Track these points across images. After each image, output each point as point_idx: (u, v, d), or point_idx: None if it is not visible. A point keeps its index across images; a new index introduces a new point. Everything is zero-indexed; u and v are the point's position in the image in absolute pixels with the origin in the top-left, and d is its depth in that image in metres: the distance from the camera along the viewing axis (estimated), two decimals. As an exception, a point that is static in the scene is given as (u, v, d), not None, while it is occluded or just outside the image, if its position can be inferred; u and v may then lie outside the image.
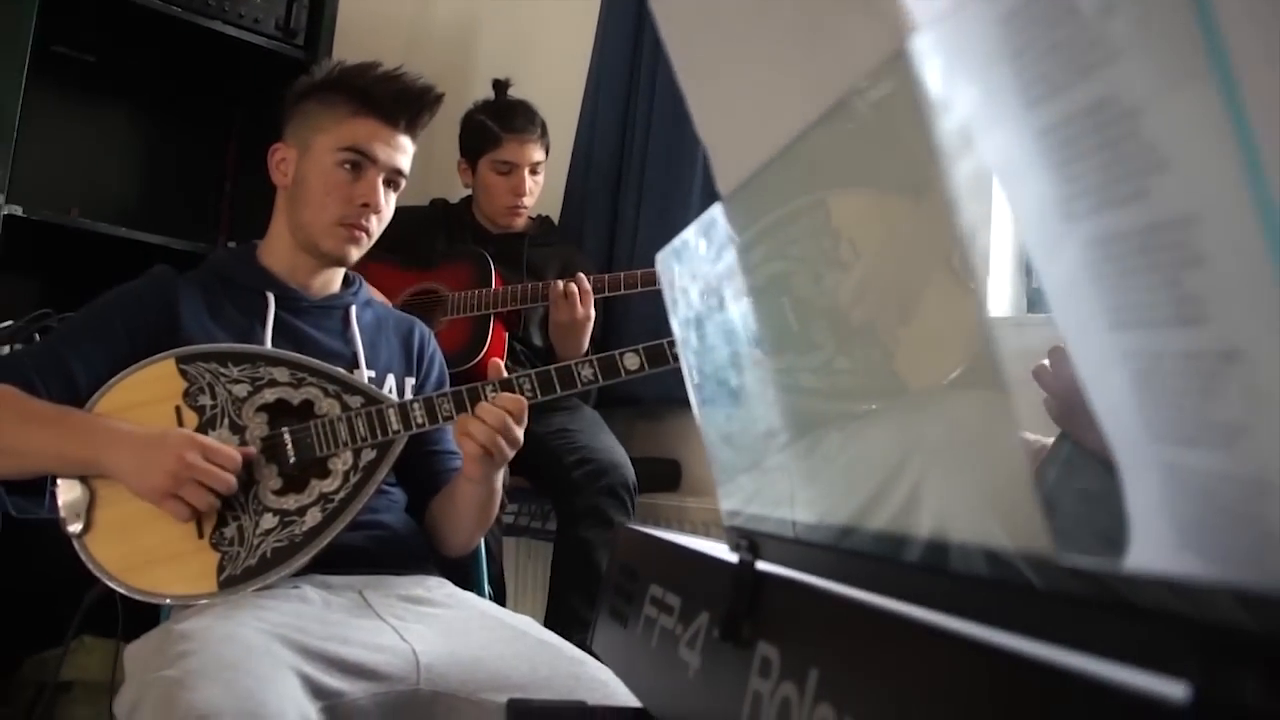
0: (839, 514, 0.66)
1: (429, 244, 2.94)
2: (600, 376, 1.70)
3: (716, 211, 0.69)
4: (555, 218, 3.31)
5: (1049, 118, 0.40)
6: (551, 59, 3.65)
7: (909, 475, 0.57)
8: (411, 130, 1.82)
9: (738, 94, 0.62)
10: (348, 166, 1.76)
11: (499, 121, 2.90)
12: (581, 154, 3.36)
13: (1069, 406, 1.32)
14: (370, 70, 1.78)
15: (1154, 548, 0.40)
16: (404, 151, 1.81)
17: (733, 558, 0.80)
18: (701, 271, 0.76)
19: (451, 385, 1.87)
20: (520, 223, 2.97)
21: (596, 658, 1.30)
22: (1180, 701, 0.34)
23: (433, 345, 1.98)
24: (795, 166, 0.56)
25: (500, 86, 3.03)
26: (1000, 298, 2.57)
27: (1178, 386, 0.37)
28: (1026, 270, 2.58)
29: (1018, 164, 0.42)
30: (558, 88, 3.42)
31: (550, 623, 1.86)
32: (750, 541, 0.78)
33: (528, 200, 2.93)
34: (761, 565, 0.75)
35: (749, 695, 0.70)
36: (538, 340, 2.90)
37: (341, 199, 1.77)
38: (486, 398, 1.66)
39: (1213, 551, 0.37)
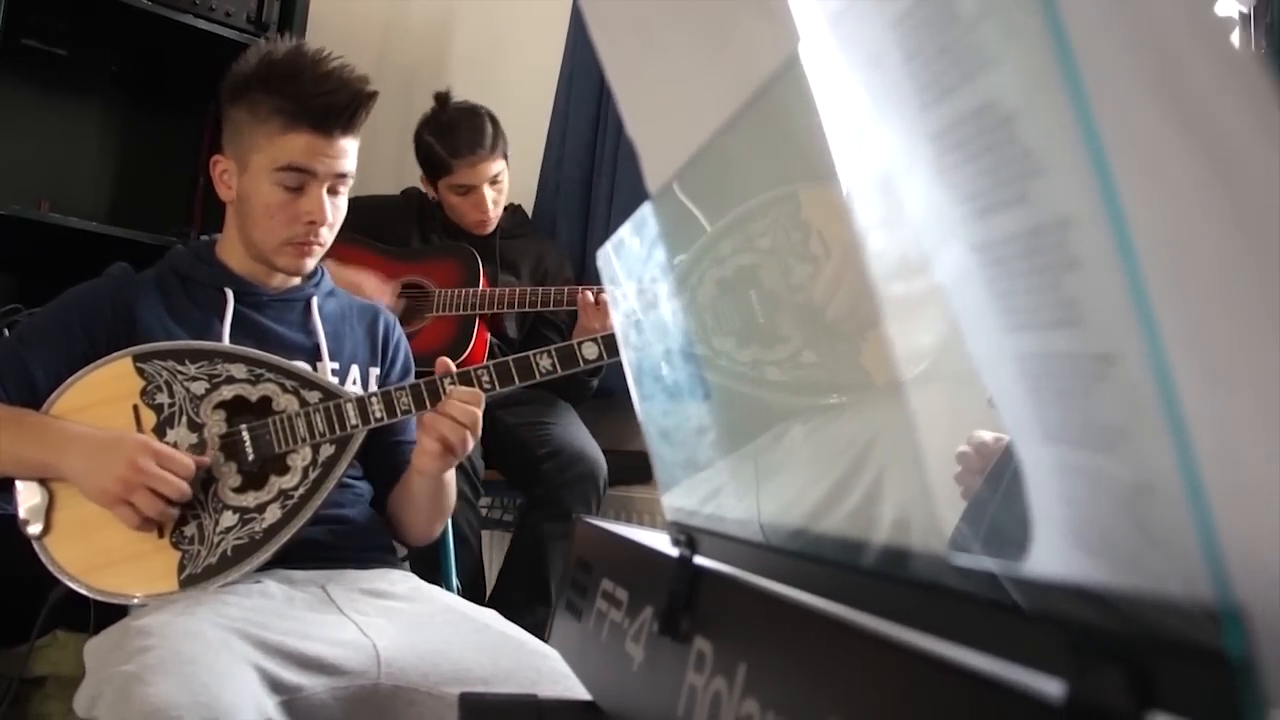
0: (768, 510, 0.66)
1: (401, 233, 2.93)
2: (559, 367, 1.70)
3: (647, 210, 0.70)
4: (529, 205, 3.30)
5: (939, 122, 0.40)
6: (526, 50, 3.65)
7: (831, 474, 0.58)
8: (349, 132, 1.75)
9: (660, 95, 0.62)
10: (290, 185, 1.72)
11: (446, 146, 2.83)
12: (555, 144, 3.36)
13: None
14: (298, 74, 1.70)
15: (1051, 548, 0.41)
16: (344, 155, 1.75)
17: (675, 552, 0.81)
18: (636, 269, 0.76)
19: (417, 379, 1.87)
20: (489, 229, 2.95)
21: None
22: (1055, 700, 0.34)
23: (398, 333, 1.97)
24: (711, 167, 0.57)
25: (442, 100, 2.96)
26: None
27: (1064, 388, 0.38)
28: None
29: (914, 167, 0.42)
30: (532, 78, 3.42)
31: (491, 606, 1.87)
32: (688, 537, 0.78)
33: (493, 212, 2.90)
34: (699, 560, 0.76)
35: (685, 689, 0.71)
36: (512, 333, 2.90)
37: (286, 219, 1.74)
38: (445, 391, 1.65)
39: (1101, 552, 0.37)
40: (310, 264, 1.80)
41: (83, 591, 1.58)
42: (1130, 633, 0.33)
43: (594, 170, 3.24)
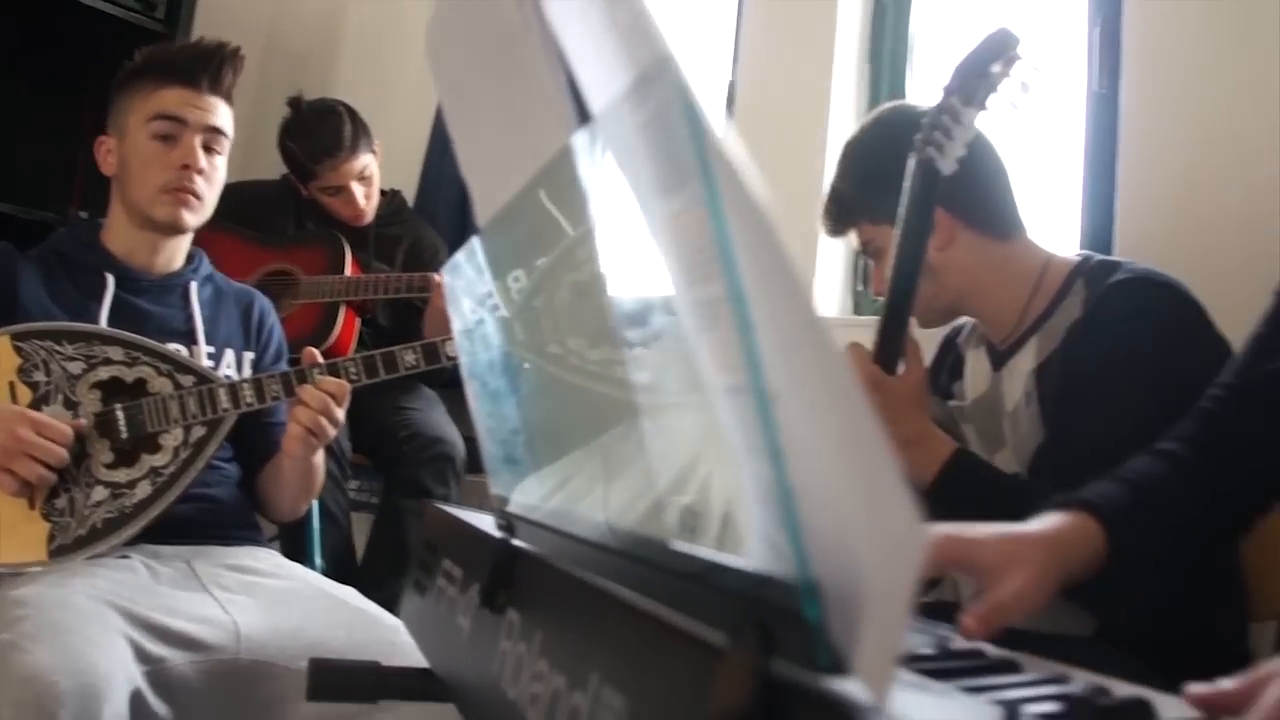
0: (559, 499, 0.78)
1: (279, 221, 2.97)
2: (423, 362, 1.81)
3: (476, 241, 0.81)
4: (412, 192, 3.36)
5: (671, 206, 0.52)
6: (416, 39, 3.69)
7: (605, 467, 0.70)
8: (216, 89, 1.87)
9: (484, 150, 0.73)
10: (162, 136, 1.83)
11: (307, 152, 2.87)
12: (439, 134, 3.39)
13: None
14: (170, 47, 1.85)
15: (750, 537, 0.53)
16: (213, 111, 1.87)
17: (498, 535, 0.93)
18: (470, 289, 0.87)
19: (290, 364, 1.95)
20: (365, 221, 2.99)
21: None
22: (720, 646, 0.47)
23: (272, 318, 2.05)
24: (520, 214, 0.68)
25: (295, 104, 2.99)
26: (829, 300, 2.73)
27: (741, 416, 0.50)
28: (854, 274, 2.75)
29: (659, 238, 0.54)
30: (421, 66, 3.47)
31: (355, 583, 1.96)
32: (507, 522, 0.90)
33: (365, 206, 2.95)
34: (516, 542, 0.88)
35: (499, 654, 0.83)
36: (384, 321, 2.96)
37: (161, 166, 1.83)
38: (313, 380, 1.74)
39: (762, 543, 0.50)
40: (189, 216, 1.87)
41: (-48, 561, 1.63)
42: (763, 601, 0.45)
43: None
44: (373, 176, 2.93)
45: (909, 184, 1.40)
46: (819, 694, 0.40)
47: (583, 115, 0.57)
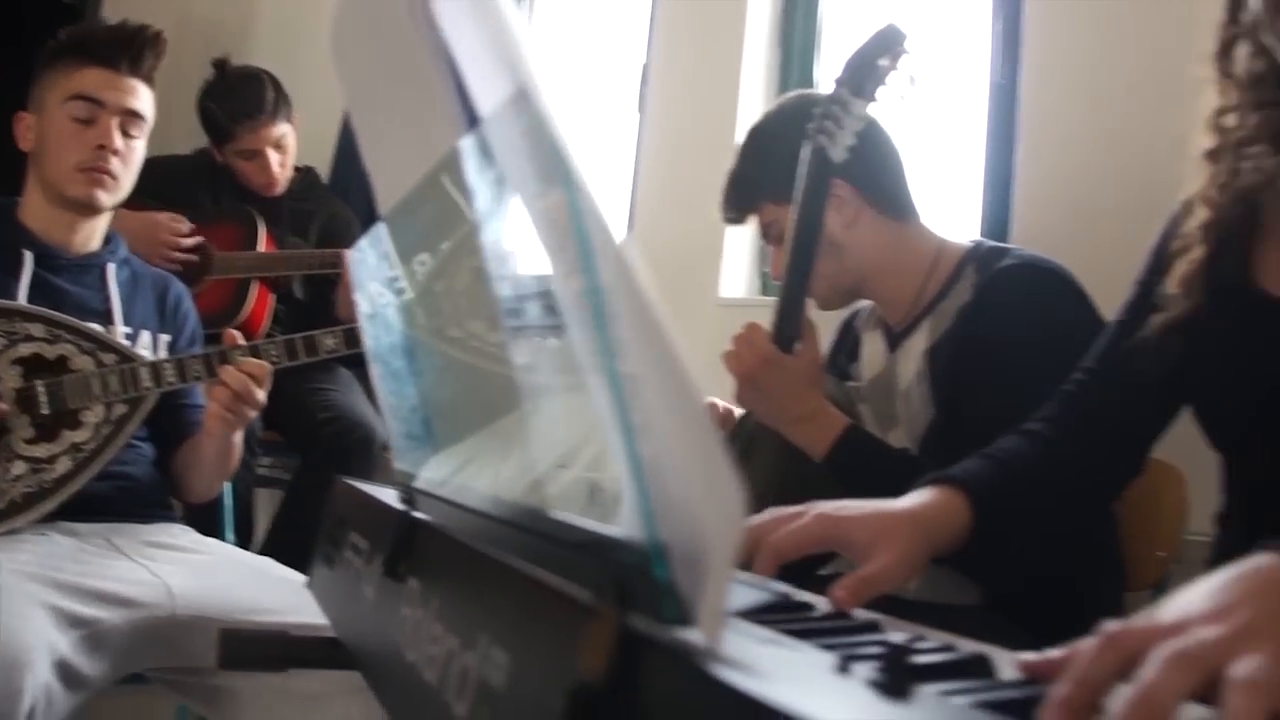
0: (461, 475, 0.83)
1: (194, 195, 2.97)
2: (343, 346, 1.84)
3: (381, 228, 0.85)
4: (326, 169, 3.36)
5: (544, 205, 0.57)
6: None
7: (501, 444, 0.75)
8: (136, 71, 1.89)
9: (384, 143, 0.78)
10: (80, 116, 1.85)
11: (228, 112, 2.87)
12: (354, 114, 3.41)
13: (748, 390, 1.53)
14: (93, 27, 1.86)
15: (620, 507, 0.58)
16: (133, 93, 1.88)
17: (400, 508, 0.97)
18: (375, 274, 0.92)
19: (206, 345, 1.98)
20: (278, 190, 3.00)
21: None
22: (587, 603, 0.52)
23: (187, 303, 2.07)
24: (417, 205, 0.73)
25: (220, 66, 3.00)
26: (736, 281, 2.80)
27: (609, 397, 0.55)
28: (761, 256, 2.82)
29: (538, 234, 0.59)
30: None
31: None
32: (408, 495, 0.95)
33: (279, 174, 2.96)
34: (417, 515, 0.92)
35: (400, 620, 0.87)
36: (300, 294, 2.96)
37: (77, 145, 1.85)
38: (234, 361, 1.77)
39: (629, 510, 0.55)
40: (103, 195, 1.88)
41: None
42: (622, 563, 0.50)
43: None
44: (289, 147, 2.94)
45: (803, 170, 1.46)
46: (665, 643, 0.46)
47: (473, 116, 0.62)
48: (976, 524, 1.01)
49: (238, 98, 2.87)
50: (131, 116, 1.88)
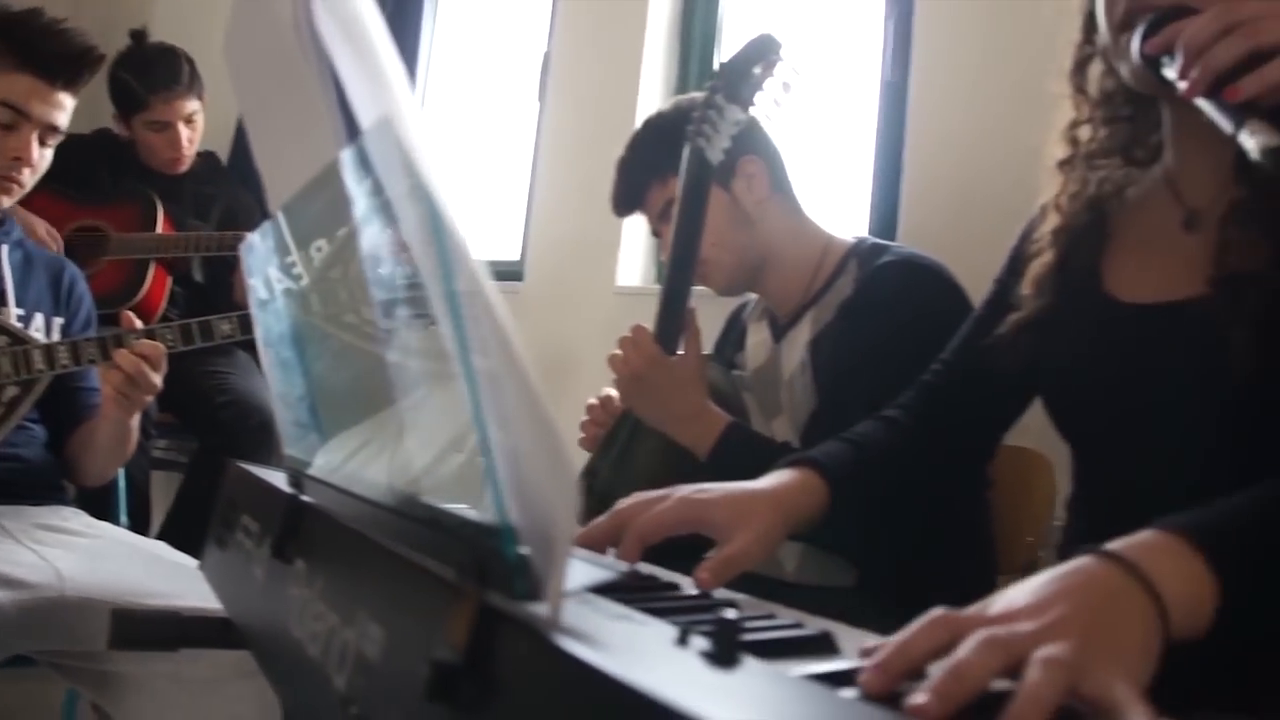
0: (351, 461, 0.87)
1: (93, 174, 2.94)
2: (239, 332, 1.86)
3: (269, 225, 0.89)
4: (225, 153, 3.35)
5: (411, 217, 0.61)
6: (226, 12, 3.66)
7: (389, 430, 0.79)
8: (71, 88, 1.86)
9: (274, 144, 0.81)
10: (2, 122, 1.81)
11: (142, 81, 2.86)
12: (256, 100, 3.40)
13: (634, 390, 1.58)
14: (33, 22, 1.81)
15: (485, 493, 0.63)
16: (62, 109, 1.86)
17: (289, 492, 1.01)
18: (267, 263, 0.95)
19: (101, 326, 1.97)
20: (183, 167, 2.99)
21: None
22: (452, 581, 0.56)
23: (82, 286, 2.07)
24: (306, 203, 0.77)
25: (138, 37, 2.99)
26: (633, 270, 2.85)
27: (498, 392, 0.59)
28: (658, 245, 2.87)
29: (412, 237, 0.63)
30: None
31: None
32: (296, 479, 0.98)
33: (188, 150, 2.96)
34: (304, 498, 0.96)
35: (288, 600, 0.91)
36: (199, 277, 2.95)
37: None
38: (129, 344, 1.77)
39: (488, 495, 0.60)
40: (7, 201, 1.88)
41: None
42: (483, 544, 0.55)
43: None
44: (198, 126, 2.93)
45: (683, 168, 1.52)
46: (517, 617, 0.51)
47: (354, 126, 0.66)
48: (832, 503, 1.08)
49: (155, 68, 2.87)
50: (52, 130, 1.86)
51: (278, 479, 1.16)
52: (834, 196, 2.60)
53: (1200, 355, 0.96)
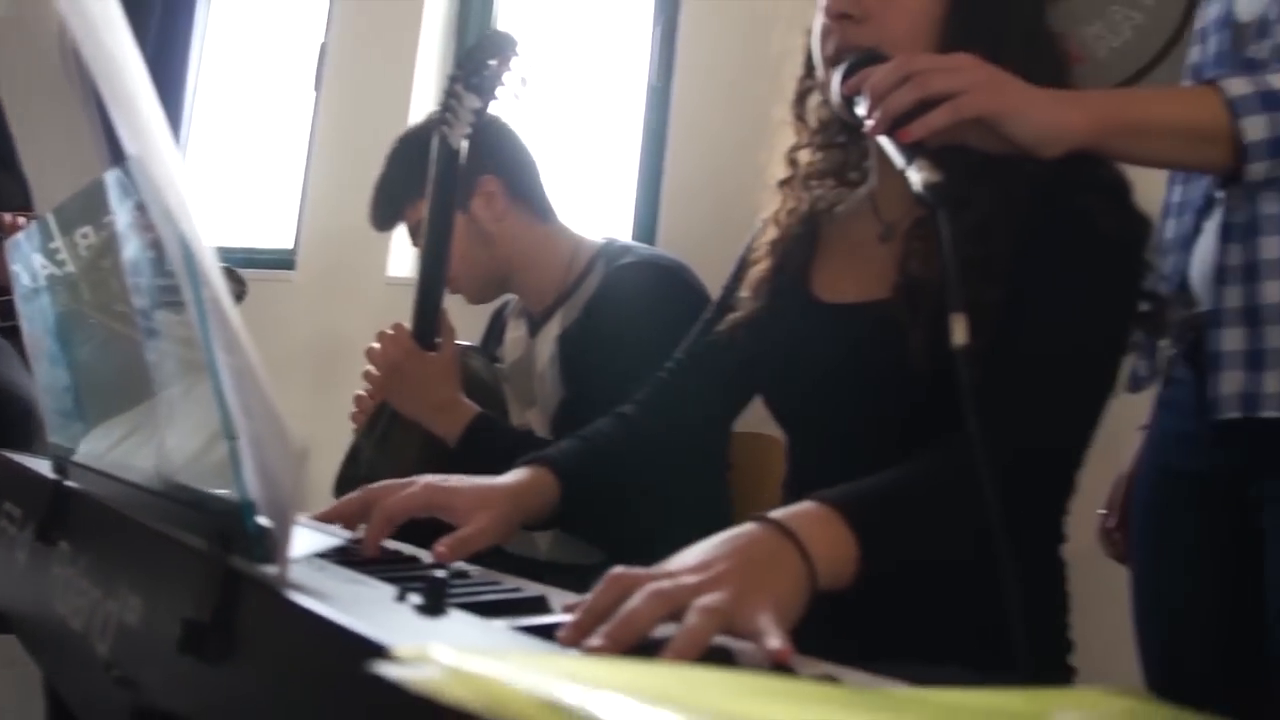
0: (116, 447, 0.94)
1: None
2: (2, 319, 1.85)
3: (36, 225, 0.95)
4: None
5: (168, 232, 0.69)
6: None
7: (156, 415, 0.86)
8: None
9: (42, 151, 0.87)
10: None
11: None
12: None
13: (391, 381, 1.66)
14: None
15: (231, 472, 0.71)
16: None
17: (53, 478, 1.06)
18: (30, 264, 1.00)
19: None
20: None
21: None
22: (204, 552, 0.65)
23: None
24: (77, 205, 0.83)
25: None
26: (403, 261, 2.90)
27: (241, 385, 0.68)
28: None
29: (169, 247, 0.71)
30: None
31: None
32: (60, 465, 1.04)
33: None
34: (68, 483, 1.02)
35: (52, 580, 0.97)
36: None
37: None
38: None
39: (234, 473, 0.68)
40: None
41: None
42: (228, 517, 0.64)
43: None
44: None
45: (433, 157, 1.60)
46: (256, 578, 0.60)
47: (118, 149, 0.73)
48: (564, 496, 1.19)
49: None
50: None
51: (41, 466, 1.20)
52: (600, 198, 2.70)
53: (885, 350, 1.09)
